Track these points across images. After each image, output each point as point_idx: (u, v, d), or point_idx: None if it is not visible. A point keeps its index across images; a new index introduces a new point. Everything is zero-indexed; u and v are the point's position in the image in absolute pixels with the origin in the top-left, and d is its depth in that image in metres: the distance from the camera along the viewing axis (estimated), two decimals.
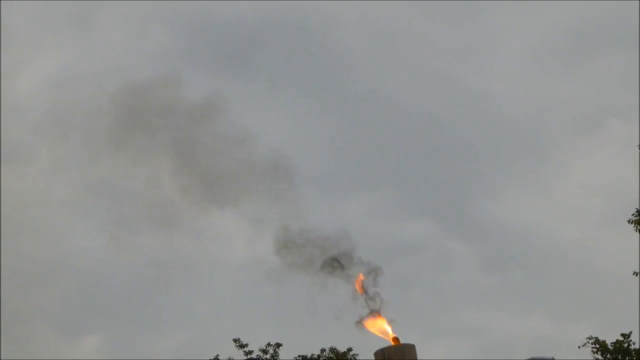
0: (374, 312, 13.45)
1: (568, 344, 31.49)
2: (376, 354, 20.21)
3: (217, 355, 36.00)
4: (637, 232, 23.22)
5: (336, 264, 14.73)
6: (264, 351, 36.06)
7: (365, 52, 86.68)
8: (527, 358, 11.17)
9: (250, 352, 36.11)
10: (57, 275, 70.92)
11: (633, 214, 23.34)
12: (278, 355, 36.11)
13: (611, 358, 31.40)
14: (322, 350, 36.08)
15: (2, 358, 43.22)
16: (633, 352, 31.15)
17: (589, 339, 31.60)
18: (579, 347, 31.56)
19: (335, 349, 35.98)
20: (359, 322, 13.18)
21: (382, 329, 13.54)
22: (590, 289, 67.79)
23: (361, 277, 13.60)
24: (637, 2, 52.84)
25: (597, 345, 31.49)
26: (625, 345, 31.41)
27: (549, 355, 11.59)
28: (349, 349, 35.97)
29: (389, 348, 19.27)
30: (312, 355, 35.97)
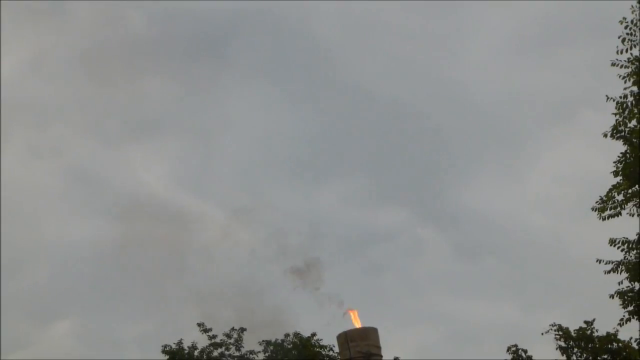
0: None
1: (537, 332, 31.66)
2: (339, 336, 20.39)
3: (181, 339, 35.84)
4: (601, 219, 23.26)
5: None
6: (228, 336, 35.92)
7: (341, 41, 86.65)
8: None
9: (215, 337, 35.96)
10: (28, 260, 70.52)
11: (597, 202, 23.36)
12: (242, 340, 36.00)
13: (574, 345, 31.55)
14: (287, 335, 36.01)
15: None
16: (596, 339, 31.31)
17: (552, 325, 31.76)
18: (542, 334, 31.74)
19: (299, 334, 35.92)
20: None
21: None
22: (561, 277, 68.34)
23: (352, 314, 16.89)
24: None
25: (560, 332, 31.63)
26: (589, 332, 31.56)
27: None
28: (313, 334, 35.96)
29: (352, 331, 19.41)
30: (277, 340, 35.89)
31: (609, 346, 31.00)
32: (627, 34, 21.99)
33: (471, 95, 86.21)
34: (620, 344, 30.77)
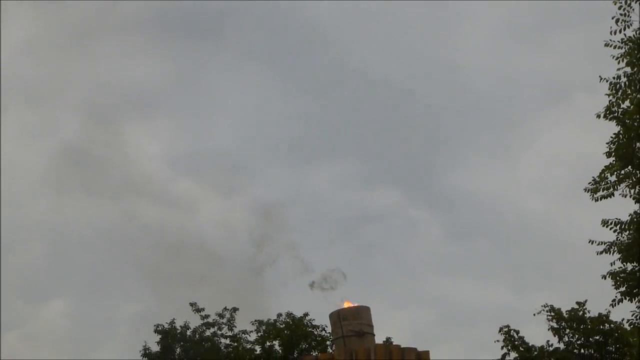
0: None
1: (529, 313, 31.74)
2: (331, 315, 20.31)
3: (174, 319, 35.88)
4: (594, 200, 23.19)
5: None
6: (221, 315, 35.95)
7: (335, 23, 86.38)
8: None
9: (207, 317, 35.99)
10: (21, 240, 70.39)
11: (589, 183, 23.28)
12: (234, 320, 36.04)
13: (566, 326, 31.60)
14: (279, 315, 36.07)
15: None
16: (588, 320, 31.38)
17: (544, 306, 31.78)
18: (534, 314, 31.76)
19: (291, 314, 35.96)
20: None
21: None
22: (553, 258, 68.58)
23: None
24: None
25: (552, 313, 31.65)
26: (580, 313, 31.62)
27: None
28: (306, 314, 36.01)
29: (344, 309, 19.34)
30: (269, 320, 35.93)
31: (601, 327, 31.08)
32: (621, 14, 21.86)
33: (465, 78, 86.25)
34: (612, 325, 30.86)
